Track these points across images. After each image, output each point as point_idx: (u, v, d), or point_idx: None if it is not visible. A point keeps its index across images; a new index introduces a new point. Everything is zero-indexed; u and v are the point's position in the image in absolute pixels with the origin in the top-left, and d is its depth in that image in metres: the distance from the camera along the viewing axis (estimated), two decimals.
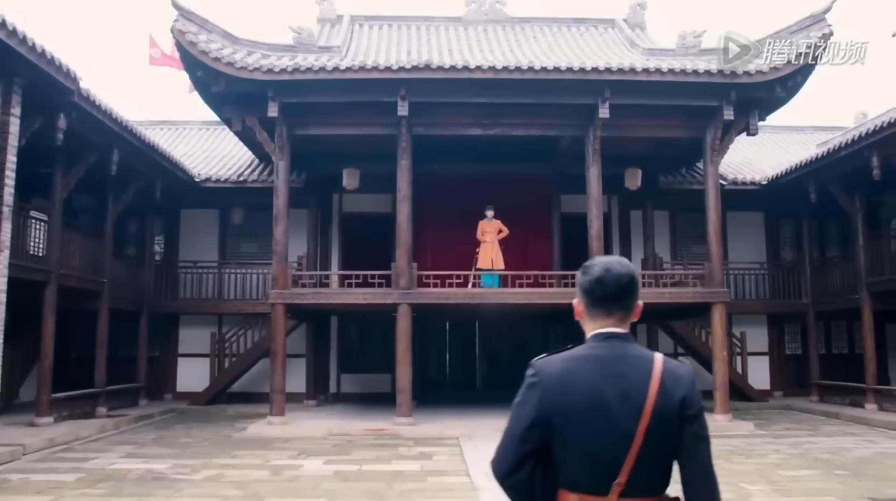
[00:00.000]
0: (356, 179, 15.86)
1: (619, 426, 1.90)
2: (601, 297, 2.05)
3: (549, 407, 1.94)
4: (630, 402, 1.91)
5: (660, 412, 1.90)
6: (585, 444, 1.92)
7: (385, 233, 18.95)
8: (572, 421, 1.93)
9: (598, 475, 1.91)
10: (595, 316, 2.07)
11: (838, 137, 18.81)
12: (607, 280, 2.04)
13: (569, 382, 1.96)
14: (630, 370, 1.96)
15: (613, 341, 2.03)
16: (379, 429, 12.65)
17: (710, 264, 13.78)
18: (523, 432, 1.96)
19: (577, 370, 1.98)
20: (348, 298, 13.28)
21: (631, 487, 1.89)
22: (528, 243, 16.36)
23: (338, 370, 18.59)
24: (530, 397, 1.98)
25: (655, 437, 1.90)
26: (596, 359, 1.99)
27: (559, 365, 2.00)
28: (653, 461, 1.91)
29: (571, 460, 1.94)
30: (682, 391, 1.94)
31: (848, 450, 10.86)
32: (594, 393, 1.93)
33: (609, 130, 13.58)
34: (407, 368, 13.24)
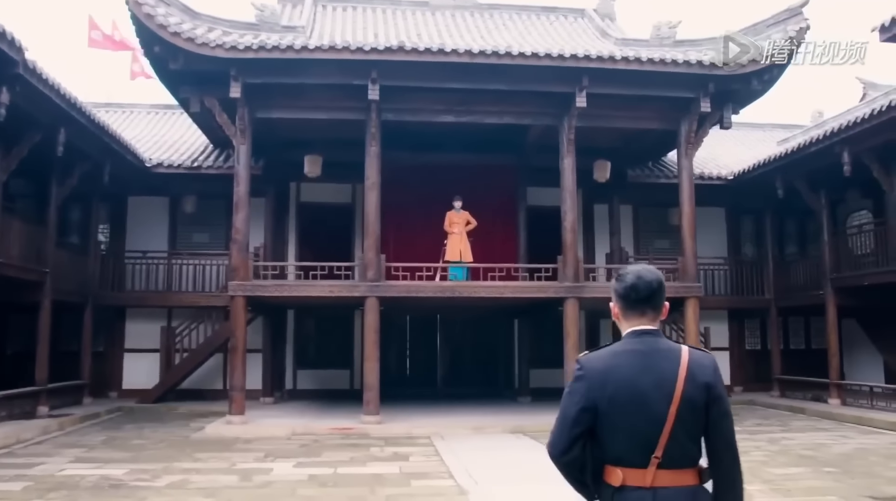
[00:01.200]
0: (318, 166, 15.18)
1: (654, 410, 2.24)
2: (635, 300, 2.39)
3: (595, 396, 2.28)
4: (663, 389, 2.25)
5: (688, 396, 2.24)
6: (626, 426, 2.26)
7: (345, 224, 18.37)
8: (615, 407, 2.26)
9: (638, 451, 2.25)
10: (630, 317, 2.41)
11: (800, 134, 18.95)
12: (640, 286, 2.39)
13: (611, 374, 2.30)
14: (662, 362, 2.30)
15: (646, 337, 2.37)
16: (346, 428, 12.06)
17: (683, 259, 13.61)
18: (575, 417, 2.30)
19: (618, 363, 2.32)
20: (313, 290, 12.63)
21: (666, 460, 2.24)
22: (494, 235, 15.94)
23: (294, 366, 17.89)
24: (578, 388, 2.33)
25: (685, 417, 2.24)
26: (633, 353, 2.34)
27: (602, 360, 2.35)
28: (684, 437, 2.25)
29: (615, 439, 2.28)
30: (706, 377, 2.29)
31: (827, 446, 10.76)
32: (632, 383, 2.27)
33: (584, 120, 13.25)
34: (375, 364, 12.71)
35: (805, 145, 14.34)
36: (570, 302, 12.95)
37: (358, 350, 18.01)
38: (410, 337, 18.98)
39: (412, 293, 12.87)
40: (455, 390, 18.14)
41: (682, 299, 13.46)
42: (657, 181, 17.56)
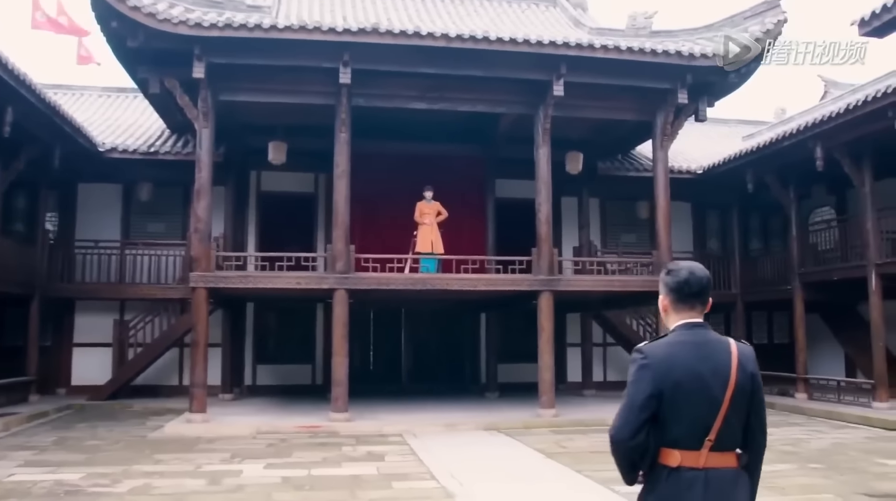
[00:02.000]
0: (283, 153, 14.60)
1: (712, 396, 2.39)
2: (688, 294, 2.54)
3: (661, 383, 2.40)
4: (719, 376, 2.41)
5: (739, 384, 2.42)
6: (689, 410, 2.39)
7: (306, 215, 17.79)
8: (679, 393, 2.39)
9: (696, 434, 2.39)
10: (680, 310, 2.56)
11: (766, 130, 19.06)
12: (692, 281, 2.54)
13: (674, 362, 2.42)
14: (715, 352, 2.46)
15: (698, 329, 2.52)
16: (313, 426, 11.55)
17: (658, 252, 13.43)
18: (643, 403, 2.40)
19: (678, 353, 2.45)
20: (280, 282, 12.06)
21: (717, 443, 2.39)
22: (462, 227, 15.53)
23: (253, 361, 17.26)
24: (644, 376, 2.43)
25: (737, 403, 2.41)
26: (690, 344, 2.47)
27: (663, 349, 2.47)
28: (734, 421, 2.42)
29: (676, 423, 2.40)
30: (751, 367, 2.47)
31: (805, 441, 10.67)
32: (693, 371, 2.41)
33: (559, 110, 12.94)
34: (344, 359, 12.22)
35: (778, 139, 14.29)
36: (544, 296, 12.65)
37: (320, 345, 17.53)
38: (374, 331, 18.49)
39: (382, 286, 12.41)
40: (420, 385, 17.74)
41: (654, 294, 13.24)
42: (627, 174, 17.45)
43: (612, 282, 13.15)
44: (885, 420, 12.15)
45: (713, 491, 2.38)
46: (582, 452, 9.68)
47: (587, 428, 11.86)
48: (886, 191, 14.40)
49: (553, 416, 12.37)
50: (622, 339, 17.93)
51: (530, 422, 12.11)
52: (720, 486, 2.40)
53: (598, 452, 9.69)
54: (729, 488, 2.42)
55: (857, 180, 13.78)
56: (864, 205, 13.74)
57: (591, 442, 10.49)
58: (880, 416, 12.48)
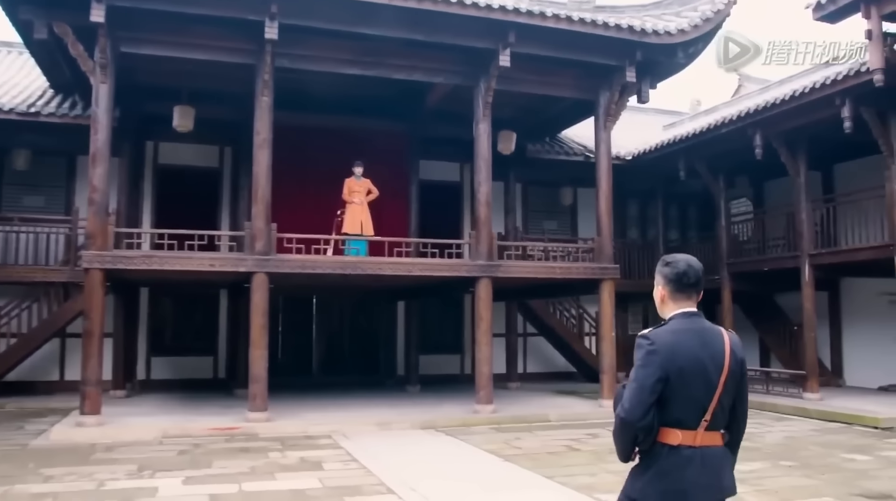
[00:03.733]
0: (190, 119, 12.97)
1: (710, 380, 2.62)
2: (686, 285, 2.74)
3: (668, 367, 2.58)
4: (716, 362, 2.64)
5: (732, 369, 2.65)
6: (691, 393, 2.61)
7: (210, 192, 16.14)
8: (683, 377, 2.59)
9: (694, 415, 2.62)
10: (678, 299, 2.76)
11: (688, 120, 18.96)
12: (690, 273, 2.74)
13: (678, 348, 2.61)
14: (712, 339, 2.69)
15: (694, 318, 2.73)
16: (229, 428, 10.16)
17: (599, 238, 12.79)
18: (652, 386, 2.57)
19: (682, 340, 2.64)
20: (191, 263, 10.52)
21: (711, 423, 2.63)
22: (383, 209, 14.29)
23: (148, 353, 15.51)
24: (652, 361, 2.59)
25: (729, 386, 2.65)
26: (690, 331, 2.68)
27: (669, 337, 2.64)
28: (725, 403, 2.66)
29: (678, 405, 2.60)
30: (740, 354, 2.70)
31: (757, 435, 10.26)
32: (695, 356, 2.62)
33: (501, 83, 12.00)
34: (263, 352, 10.88)
35: (717, 125, 13.96)
36: (483, 282, 11.72)
37: (223, 335, 16.01)
38: (283, 320, 17.04)
39: (308, 270, 11.10)
40: (332, 378, 16.53)
41: (596, 282, 12.65)
42: (556, 158, 16.82)
43: (553, 269, 12.39)
44: (823, 412, 12.02)
45: (708, 467, 2.61)
46: (538, 454, 8.82)
47: (531, 426, 11.06)
48: (816, 181, 14.47)
49: (492, 412, 11.49)
50: (545, 330, 17.34)
51: (469, 420, 11.18)
52: (713, 462, 2.62)
53: (555, 453, 8.90)
54: (720, 464, 2.65)
55: (792, 170, 13.65)
56: (799, 195, 13.63)
57: (543, 442, 9.68)
58: (815, 407, 12.36)
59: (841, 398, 13.19)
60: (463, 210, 17.91)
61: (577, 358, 17.36)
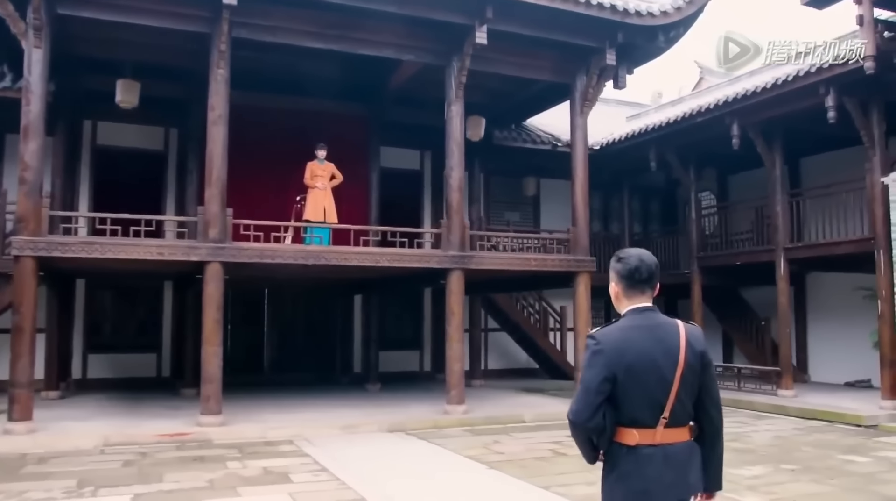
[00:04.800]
0: (135, 94, 11.87)
1: (664, 376, 2.52)
2: (638, 281, 2.64)
3: (614, 367, 2.50)
4: (670, 357, 2.54)
5: (689, 363, 2.55)
6: (643, 391, 2.51)
7: (154, 177, 14.98)
8: (633, 375, 2.50)
9: (651, 413, 2.52)
10: (631, 295, 2.66)
11: (653, 111, 18.54)
12: (642, 268, 2.64)
13: (627, 346, 2.53)
14: (666, 334, 2.58)
15: (648, 313, 2.64)
16: (180, 433, 9.18)
17: (575, 229, 12.19)
18: (598, 386, 2.50)
19: (631, 336, 2.56)
20: (137, 251, 9.47)
21: (671, 420, 2.53)
22: (342, 195, 13.35)
23: (84, 350, 14.30)
24: (598, 361, 2.53)
25: (687, 381, 2.54)
26: (641, 328, 2.59)
27: (616, 334, 2.57)
28: (685, 398, 2.56)
29: (631, 403, 2.52)
30: (699, 346, 2.60)
31: (744, 435, 9.85)
32: (646, 353, 2.53)
33: (475, 63, 11.26)
34: (216, 349, 9.96)
35: (692, 114, 13.51)
36: (455, 274, 10.98)
37: (168, 330, 14.90)
38: (233, 314, 15.94)
39: (267, 259, 10.18)
40: (285, 376, 15.59)
41: (571, 274, 12.05)
42: (524, 146, 16.19)
43: (528, 261, 11.71)
44: (802, 409, 11.68)
45: (671, 464, 2.52)
46: (524, 460, 8.14)
47: (506, 427, 10.39)
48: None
49: (464, 413, 10.77)
50: (509, 325, 16.72)
51: (440, 421, 10.44)
52: (677, 459, 2.54)
53: (542, 459, 8.23)
54: (685, 461, 2.57)
55: (768, 162, 13.30)
56: (774, 188, 13.29)
57: (526, 446, 9.00)
58: (793, 404, 12.03)
59: (813, 395, 12.92)
60: (423, 200, 17.18)
61: (540, 354, 16.80)
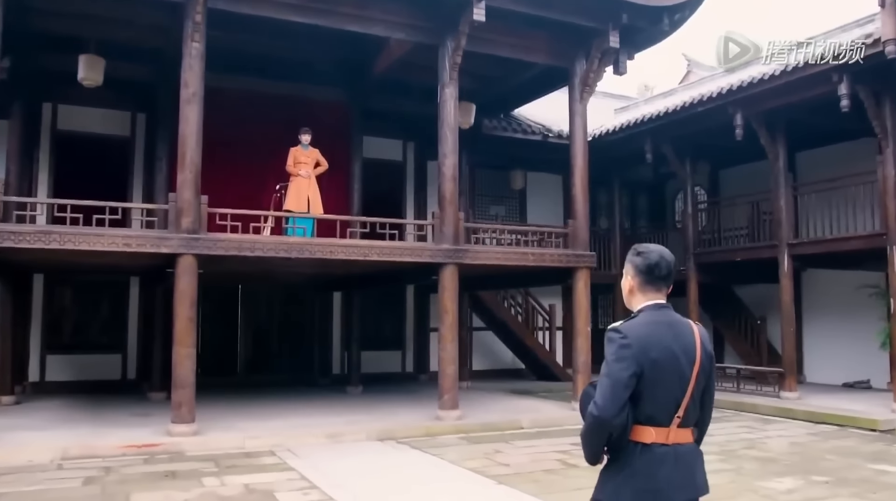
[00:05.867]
0: (99, 71, 10.89)
1: (683, 373, 2.47)
2: (657, 277, 2.57)
3: (642, 361, 2.41)
4: (688, 355, 2.49)
5: (703, 362, 2.51)
6: (665, 387, 2.45)
7: (120, 165, 13.97)
8: (657, 371, 2.43)
9: (668, 411, 2.46)
10: (647, 291, 2.59)
11: (643, 103, 17.96)
12: (662, 265, 2.58)
13: (652, 341, 2.45)
14: (683, 331, 2.53)
15: (665, 310, 2.57)
16: (148, 445, 8.27)
17: (574, 222, 11.48)
18: (627, 381, 2.40)
19: (655, 332, 2.48)
20: (99, 242, 8.53)
21: (684, 419, 2.49)
22: (322, 185, 12.47)
23: (42, 350, 13.27)
24: (626, 354, 2.42)
25: (700, 380, 2.51)
26: (661, 324, 2.51)
27: (641, 329, 2.48)
28: (697, 398, 2.52)
29: (653, 400, 2.44)
30: (709, 346, 2.56)
31: (759, 441, 9.23)
32: (669, 349, 2.47)
33: (469, 44, 10.48)
34: (189, 351, 9.14)
35: (693, 104, 12.88)
36: (448, 269, 10.20)
37: (134, 329, 13.96)
38: (204, 312, 14.95)
39: (245, 252, 9.29)
40: (260, 377, 14.76)
41: (570, 270, 11.33)
42: (514, 136, 15.46)
43: (526, 256, 10.97)
44: (810, 413, 11.11)
45: (682, 465, 2.47)
46: (533, 472, 7.40)
47: (504, 434, 9.63)
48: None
49: (457, 419, 9.99)
50: (495, 324, 16.01)
51: (433, 428, 9.65)
52: (686, 460, 2.49)
53: (552, 471, 7.49)
54: (693, 462, 2.52)
55: (771, 154, 12.73)
56: (778, 181, 12.74)
57: (531, 456, 8.26)
58: (798, 407, 11.47)
59: (816, 397, 12.37)
60: (406, 192, 16.40)
61: (528, 355, 16.14)
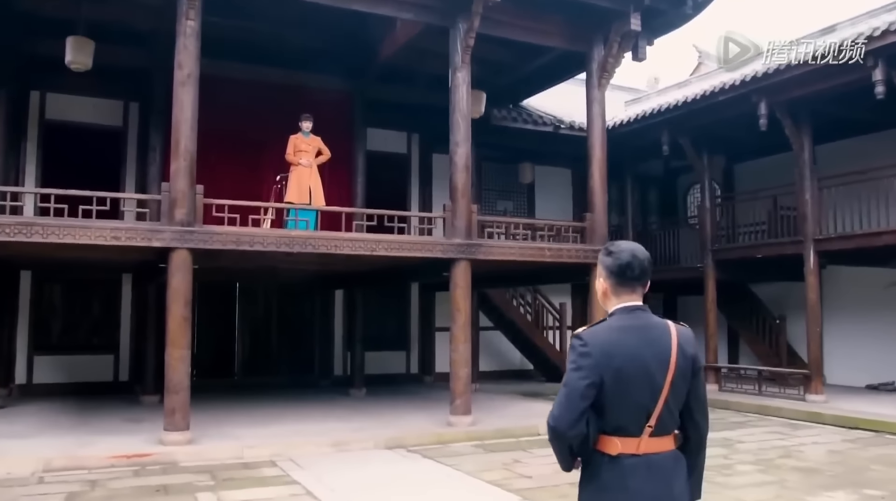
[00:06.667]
0: (88, 54, 10.22)
1: (654, 381, 2.28)
2: (630, 278, 2.39)
3: (602, 370, 2.25)
4: (661, 361, 2.30)
5: (680, 368, 2.32)
6: (632, 396, 2.27)
7: (112, 157, 13.33)
8: (622, 379, 2.26)
9: (637, 420, 2.28)
10: (621, 293, 2.41)
11: (654, 95, 17.38)
12: (634, 264, 2.38)
13: (616, 348, 2.28)
14: (657, 336, 2.35)
15: (638, 312, 2.38)
16: (139, 455, 7.63)
17: (592, 216, 10.87)
18: (583, 391, 2.25)
19: (621, 338, 2.31)
20: (85, 235, 7.86)
21: (657, 428, 2.30)
22: (324, 178, 11.82)
23: (30, 351, 12.61)
24: (585, 363, 2.26)
25: (677, 387, 2.31)
26: (632, 328, 2.34)
27: (604, 335, 2.32)
28: (673, 405, 2.33)
29: (618, 410, 2.28)
30: (691, 350, 2.37)
31: (794, 449, 8.62)
32: (637, 356, 2.28)
33: (482, 26, 9.86)
34: (183, 352, 8.49)
35: (715, 92, 12.24)
36: (461, 265, 9.57)
37: (126, 328, 13.35)
38: (199, 311, 14.29)
39: (244, 246, 8.65)
40: (259, 379, 14.14)
41: (587, 267, 10.70)
42: (524, 127, 14.80)
43: (543, 251, 10.33)
44: (839, 417, 10.51)
45: (655, 475, 2.31)
46: (559, 486, 6.75)
47: (520, 442, 9.00)
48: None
49: (470, 425, 9.37)
50: (504, 324, 15.40)
51: (445, 435, 9.02)
52: (661, 470, 2.32)
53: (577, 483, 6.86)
54: (669, 472, 2.35)
55: (796, 145, 12.13)
56: (803, 173, 12.13)
57: (553, 466, 7.40)
58: (828, 411, 10.88)
59: (843, 400, 11.75)
60: (410, 186, 15.78)
61: (537, 355, 15.55)
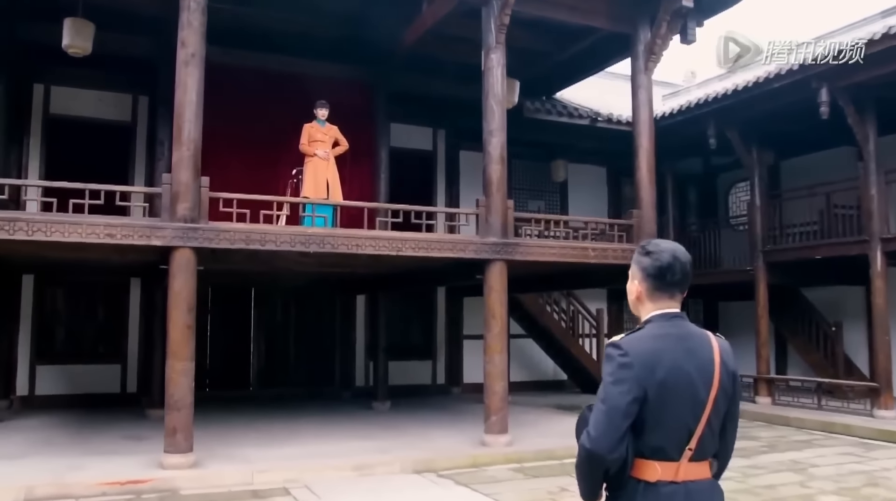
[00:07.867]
0: (88, 38, 9.38)
1: (697, 396, 2.03)
2: (670, 282, 2.14)
3: (646, 382, 1.99)
4: (704, 374, 2.05)
5: (723, 383, 2.07)
6: (674, 414, 2.02)
7: (120, 153, 12.55)
8: (665, 393, 2.00)
9: (678, 441, 2.02)
10: (657, 298, 2.15)
11: (693, 88, 16.34)
12: (676, 267, 2.13)
13: (658, 358, 2.02)
14: (699, 346, 2.10)
15: (677, 320, 2.13)
16: (133, 481, 6.74)
17: (640, 212, 9.82)
18: (626, 407, 1.98)
19: (663, 347, 2.05)
20: (75, 233, 6.98)
21: (697, 452, 2.04)
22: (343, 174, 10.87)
23: (31, 360, 11.83)
24: (627, 375, 2.00)
25: (719, 405, 2.07)
26: (672, 337, 2.08)
27: (646, 344, 2.06)
28: (714, 426, 2.08)
29: (660, 428, 2.01)
30: (732, 364, 2.11)
31: (884, 477, 7.51)
32: (680, 367, 2.03)
33: (518, 4, 8.94)
34: (186, 365, 7.52)
35: (768, 79, 11.19)
36: (496, 266, 8.60)
37: (135, 336, 12.54)
38: (212, 317, 13.52)
39: (254, 245, 7.74)
40: (275, 390, 13.28)
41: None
42: (558, 120, 13.82)
43: (586, 251, 9.32)
44: None
45: None
46: None
47: (564, 465, 7.95)
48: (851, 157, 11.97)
49: (507, 445, 8.38)
50: (536, 330, 14.40)
51: (479, 457, 8.04)
52: (700, 500, 2.06)
53: None
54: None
55: (860, 135, 11.01)
56: (868, 167, 11.04)
57: None
58: None
59: None
60: (436, 185, 14.87)
61: (572, 365, 14.53)
